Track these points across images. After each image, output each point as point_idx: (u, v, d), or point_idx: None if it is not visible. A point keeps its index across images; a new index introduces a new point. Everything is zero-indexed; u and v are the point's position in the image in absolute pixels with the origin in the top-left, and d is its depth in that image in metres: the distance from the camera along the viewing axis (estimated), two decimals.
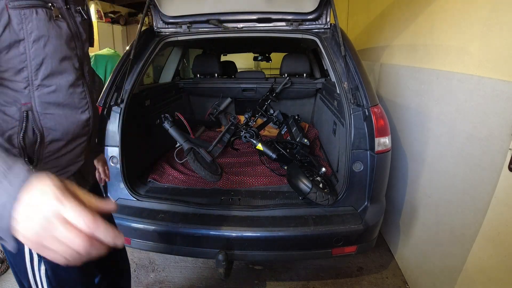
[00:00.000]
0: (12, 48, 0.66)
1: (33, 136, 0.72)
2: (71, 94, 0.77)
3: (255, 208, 1.53)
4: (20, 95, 0.70)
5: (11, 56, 0.66)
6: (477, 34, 1.26)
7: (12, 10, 0.64)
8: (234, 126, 2.55)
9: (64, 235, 0.37)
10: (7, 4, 0.63)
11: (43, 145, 0.74)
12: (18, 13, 0.65)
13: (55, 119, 0.75)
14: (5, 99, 0.69)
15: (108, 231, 0.39)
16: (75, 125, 0.80)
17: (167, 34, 1.94)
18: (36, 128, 0.72)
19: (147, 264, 1.99)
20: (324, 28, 1.89)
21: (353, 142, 1.47)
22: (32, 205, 0.38)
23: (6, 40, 0.64)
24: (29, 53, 0.67)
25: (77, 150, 0.84)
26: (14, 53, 0.66)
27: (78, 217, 0.37)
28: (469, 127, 1.26)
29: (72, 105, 0.78)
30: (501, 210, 1.10)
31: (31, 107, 0.71)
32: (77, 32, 0.80)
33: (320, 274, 1.90)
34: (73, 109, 0.79)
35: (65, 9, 0.76)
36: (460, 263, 1.29)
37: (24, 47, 0.67)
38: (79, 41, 0.81)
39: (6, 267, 1.92)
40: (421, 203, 1.66)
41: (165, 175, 1.89)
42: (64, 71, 0.75)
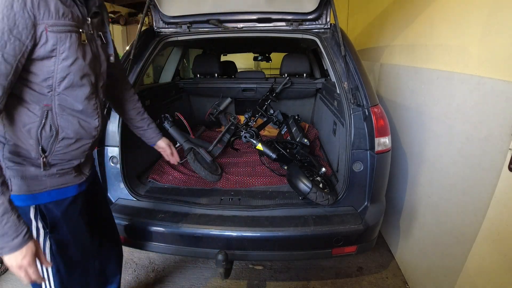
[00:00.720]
0: (44, 60, 0.80)
1: (50, 131, 0.87)
2: (86, 104, 0.91)
3: (255, 208, 1.53)
4: (44, 97, 0.84)
5: (42, 66, 0.80)
6: (477, 34, 1.26)
7: (50, 33, 0.77)
8: (234, 126, 2.54)
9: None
10: (47, 28, 0.77)
11: (56, 140, 0.89)
12: (55, 36, 0.79)
13: (69, 121, 0.89)
14: (31, 98, 0.83)
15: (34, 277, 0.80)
16: (85, 129, 0.94)
17: (167, 34, 1.94)
18: (53, 125, 0.87)
19: (147, 264, 1.99)
20: (324, 28, 1.89)
21: (353, 142, 1.47)
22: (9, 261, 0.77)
23: (41, 55, 0.79)
24: (56, 68, 0.81)
25: (82, 149, 0.97)
26: (45, 64, 0.80)
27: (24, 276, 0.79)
28: (469, 127, 1.26)
29: (85, 113, 0.92)
30: (501, 210, 1.10)
31: (51, 108, 0.85)
32: (96, 54, 0.94)
33: (320, 274, 1.90)
34: (85, 116, 0.93)
35: (89, 34, 0.90)
36: (460, 263, 1.29)
37: (54, 62, 0.81)
38: (97, 61, 0.94)
39: (6, 267, 1.92)
40: (421, 203, 1.66)
41: (165, 175, 1.89)
42: (82, 86, 0.89)
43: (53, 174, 0.92)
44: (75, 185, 0.99)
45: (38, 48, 0.78)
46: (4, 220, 0.73)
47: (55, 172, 0.92)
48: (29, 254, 0.77)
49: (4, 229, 0.73)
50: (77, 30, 0.83)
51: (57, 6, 0.78)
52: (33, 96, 0.83)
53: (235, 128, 2.54)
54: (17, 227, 0.75)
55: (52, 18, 0.77)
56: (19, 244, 0.75)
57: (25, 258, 0.76)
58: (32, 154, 0.87)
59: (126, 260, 2.03)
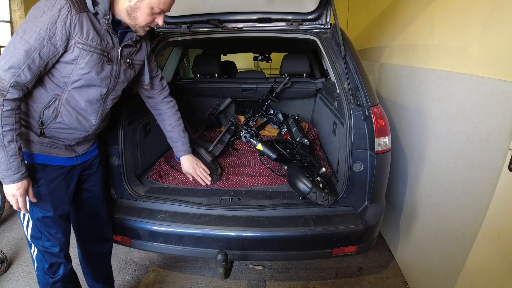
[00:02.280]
0: (67, 64, 1.05)
1: (51, 113, 1.10)
2: (88, 105, 1.15)
3: (255, 208, 1.53)
4: (58, 88, 1.09)
5: (64, 67, 1.06)
6: (477, 34, 1.26)
7: (76, 48, 1.03)
8: (234, 126, 2.54)
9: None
10: (76, 44, 1.03)
11: (54, 121, 1.11)
12: (79, 51, 1.04)
13: (69, 113, 1.12)
14: (49, 85, 1.08)
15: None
16: (81, 123, 1.17)
17: (167, 34, 1.94)
18: (55, 110, 1.10)
19: (147, 264, 1.99)
20: (324, 28, 1.89)
21: (353, 142, 1.46)
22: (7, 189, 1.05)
23: (66, 60, 1.04)
24: (73, 72, 1.07)
25: (74, 136, 1.18)
26: (67, 67, 1.06)
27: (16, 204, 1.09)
28: (469, 127, 1.26)
29: (85, 111, 1.16)
30: (501, 210, 1.10)
31: (60, 98, 1.10)
32: (116, 74, 1.18)
33: (320, 274, 1.90)
34: (85, 113, 1.16)
35: (116, 59, 1.16)
36: (460, 263, 1.29)
37: (72, 68, 1.06)
38: (115, 80, 1.19)
39: (6, 267, 1.92)
40: (421, 203, 1.66)
41: (165, 175, 1.89)
42: (89, 91, 1.13)
43: (45, 143, 1.14)
44: (63, 157, 1.20)
45: (66, 54, 1.03)
46: (12, 159, 1.00)
47: (46, 142, 1.14)
48: (22, 187, 1.05)
49: (10, 165, 1.00)
50: (101, 52, 1.09)
51: (89, 31, 1.04)
52: (51, 84, 1.08)
53: (235, 128, 2.54)
54: (19, 166, 1.02)
55: (82, 38, 1.03)
56: (18, 179, 1.03)
57: (19, 189, 1.04)
58: (34, 123, 1.10)
59: (126, 260, 2.03)
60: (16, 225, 2.44)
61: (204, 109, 2.94)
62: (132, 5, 1.08)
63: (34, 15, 0.97)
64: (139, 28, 1.15)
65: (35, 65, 0.98)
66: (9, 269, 1.93)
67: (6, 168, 1.00)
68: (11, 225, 2.44)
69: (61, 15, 0.97)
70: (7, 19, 3.98)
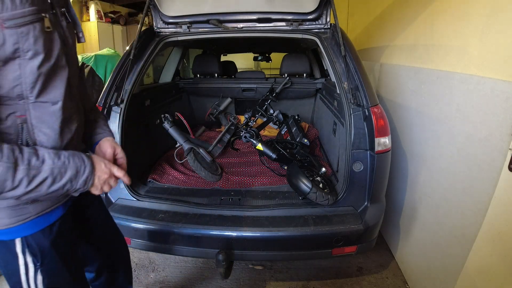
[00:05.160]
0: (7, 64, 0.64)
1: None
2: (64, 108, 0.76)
3: (255, 208, 1.53)
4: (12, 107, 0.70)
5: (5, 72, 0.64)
6: (477, 34, 1.26)
7: (7, 30, 0.61)
8: (234, 126, 2.55)
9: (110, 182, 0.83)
10: (3, 24, 0.59)
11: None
12: (14, 32, 0.62)
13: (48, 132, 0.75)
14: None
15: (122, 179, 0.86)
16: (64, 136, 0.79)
17: (167, 34, 1.94)
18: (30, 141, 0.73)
19: (147, 264, 1.99)
20: (324, 28, 1.89)
21: (353, 142, 1.47)
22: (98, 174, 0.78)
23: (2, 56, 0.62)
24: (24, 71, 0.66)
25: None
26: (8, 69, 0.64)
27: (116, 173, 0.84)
28: (469, 127, 1.26)
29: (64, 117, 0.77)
30: (501, 210, 1.10)
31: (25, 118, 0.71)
32: (64, 39, 0.75)
33: (320, 274, 1.90)
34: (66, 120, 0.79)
35: (52, 15, 0.71)
36: (460, 263, 1.29)
37: (19, 65, 0.65)
38: (67, 47, 0.76)
39: None
40: (421, 203, 1.66)
41: (165, 175, 1.89)
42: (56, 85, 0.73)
43: (36, 200, 0.77)
44: (61, 205, 0.85)
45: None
46: (70, 168, 0.70)
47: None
48: (99, 164, 0.78)
49: (73, 169, 0.71)
50: (39, 17, 0.66)
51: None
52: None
53: (235, 128, 2.54)
54: (74, 164, 0.71)
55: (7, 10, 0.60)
56: (89, 170, 0.74)
57: (101, 176, 0.79)
58: None
59: None
60: None
61: (204, 109, 2.94)
62: None
63: None
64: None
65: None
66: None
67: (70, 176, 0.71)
68: None
69: None
70: None
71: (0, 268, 0.85)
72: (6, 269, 0.83)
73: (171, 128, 2.02)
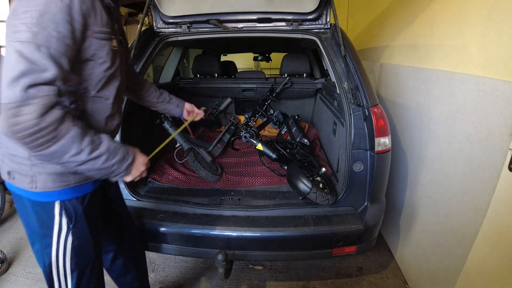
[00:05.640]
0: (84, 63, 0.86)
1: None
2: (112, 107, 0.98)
3: (255, 208, 1.53)
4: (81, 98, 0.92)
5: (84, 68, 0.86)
6: (477, 34, 1.26)
7: (94, 39, 0.84)
8: (234, 126, 2.55)
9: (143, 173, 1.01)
10: (93, 34, 0.84)
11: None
12: (97, 42, 0.85)
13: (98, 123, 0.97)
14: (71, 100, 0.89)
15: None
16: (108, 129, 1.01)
17: (167, 34, 1.94)
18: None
19: (147, 264, 1.99)
20: (324, 28, 1.89)
21: (353, 142, 1.47)
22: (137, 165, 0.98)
23: (84, 56, 0.85)
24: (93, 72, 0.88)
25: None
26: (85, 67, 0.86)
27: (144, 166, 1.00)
28: (469, 127, 1.26)
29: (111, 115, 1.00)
30: (501, 210, 1.10)
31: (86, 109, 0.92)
32: (121, 57, 0.99)
33: (320, 274, 1.90)
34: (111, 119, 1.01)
35: (117, 40, 0.95)
36: (460, 263, 1.29)
37: (92, 66, 0.87)
38: (121, 63, 1.00)
39: (6, 267, 1.92)
40: (421, 203, 1.66)
41: (165, 175, 1.89)
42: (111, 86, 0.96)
43: (77, 170, 0.91)
44: (91, 182, 1.01)
45: (85, 51, 0.85)
46: (118, 154, 0.89)
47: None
48: (139, 157, 0.99)
49: (121, 155, 0.90)
50: (112, 37, 0.91)
51: (102, 12, 0.86)
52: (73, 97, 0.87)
53: (235, 128, 2.54)
54: (122, 150, 0.91)
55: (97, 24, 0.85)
56: (131, 159, 0.94)
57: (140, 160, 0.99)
58: None
59: None
60: (16, 225, 2.44)
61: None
62: None
63: None
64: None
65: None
66: (9, 269, 1.93)
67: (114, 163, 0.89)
68: (11, 225, 2.44)
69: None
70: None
71: (34, 229, 0.98)
72: (41, 229, 0.96)
73: (171, 128, 2.02)
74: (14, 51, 0.72)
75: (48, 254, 0.97)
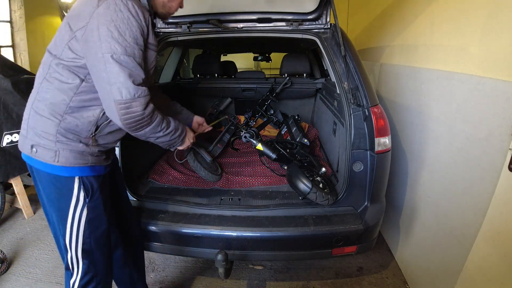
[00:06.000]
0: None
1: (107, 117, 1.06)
2: None
3: (255, 208, 1.53)
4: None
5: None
6: (477, 34, 1.26)
7: (149, 49, 1.07)
8: (234, 126, 2.55)
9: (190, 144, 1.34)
10: (155, 48, 1.10)
11: (108, 125, 1.09)
12: (151, 52, 1.08)
13: None
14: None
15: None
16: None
17: (167, 34, 1.94)
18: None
19: (147, 264, 1.99)
20: (324, 28, 1.89)
21: (353, 142, 1.46)
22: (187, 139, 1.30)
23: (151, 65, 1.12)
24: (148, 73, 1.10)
25: (118, 136, 1.17)
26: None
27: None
28: (469, 127, 1.26)
29: None
30: (501, 210, 1.10)
31: None
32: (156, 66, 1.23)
33: (320, 274, 1.90)
34: None
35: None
36: (460, 263, 1.29)
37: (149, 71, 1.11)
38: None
39: (6, 267, 1.92)
40: (421, 203, 1.66)
41: (165, 175, 1.89)
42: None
43: (94, 153, 1.09)
44: (103, 165, 1.15)
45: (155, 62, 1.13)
46: (179, 129, 1.21)
47: (96, 152, 1.10)
48: (189, 132, 1.31)
49: (180, 130, 1.21)
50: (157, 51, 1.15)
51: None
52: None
53: (235, 128, 2.54)
54: (181, 127, 1.23)
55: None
56: (185, 133, 1.26)
57: (189, 134, 1.31)
58: (83, 133, 1.04)
59: None
60: (16, 225, 2.44)
61: (204, 109, 2.94)
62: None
63: None
64: (169, 16, 1.25)
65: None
66: (9, 269, 1.93)
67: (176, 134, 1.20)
68: (11, 225, 2.44)
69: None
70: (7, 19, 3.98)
71: (52, 202, 1.09)
72: (58, 202, 1.07)
73: None
74: (113, 62, 0.93)
75: (64, 226, 1.07)
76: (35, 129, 1.02)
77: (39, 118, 1.02)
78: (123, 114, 0.97)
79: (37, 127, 1.02)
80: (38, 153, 1.02)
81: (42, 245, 2.18)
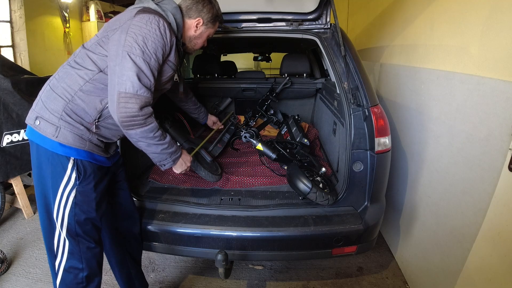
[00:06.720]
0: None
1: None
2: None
3: (255, 208, 1.53)
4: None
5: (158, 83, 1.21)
6: (477, 34, 1.26)
7: (167, 65, 1.21)
8: (234, 126, 2.54)
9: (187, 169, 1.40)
10: (173, 62, 1.24)
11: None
12: (167, 67, 1.23)
13: None
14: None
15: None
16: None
17: None
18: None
19: (147, 264, 1.99)
20: (324, 28, 1.89)
21: (353, 142, 1.46)
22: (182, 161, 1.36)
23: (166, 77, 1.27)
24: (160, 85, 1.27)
25: (119, 132, 1.21)
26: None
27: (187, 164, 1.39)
28: (469, 127, 1.26)
29: None
30: (501, 210, 1.10)
31: None
32: (172, 84, 1.40)
33: (320, 274, 1.90)
34: None
35: (177, 73, 1.44)
36: (460, 263, 1.29)
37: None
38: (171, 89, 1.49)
39: (6, 267, 1.92)
40: (421, 203, 1.66)
41: (165, 175, 1.89)
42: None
43: (93, 141, 1.14)
44: (104, 157, 1.20)
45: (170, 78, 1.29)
46: (173, 147, 1.26)
47: (95, 140, 1.14)
48: (185, 155, 1.35)
49: (173, 149, 1.26)
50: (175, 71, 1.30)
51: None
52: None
53: (235, 128, 2.54)
54: (176, 147, 1.28)
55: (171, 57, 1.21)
56: (179, 154, 1.31)
57: (185, 157, 1.36)
58: (87, 118, 1.11)
59: None
60: (16, 225, 2.44)
61: None
62: (196, 34, 1.35)
63: None
64: (193, 51, 1.47)
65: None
66: (9, 269, 1.93)
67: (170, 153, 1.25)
68: (11, 225, 2.44)
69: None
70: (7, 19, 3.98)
71: (44, 179, 1.12)
72: (51, 180, 1.10)
73: (171, 128, 2.02)
74: (129, 59, 1.03)
75: (53, 202, 1.11)
76: (45, 103, 1.09)
77: (51, 94, 1.09)
78: (121, 107, 1.03)
79: (47, 102, 1.09)
80: (40, 125, 1.07)
81: (42, 245, 2.18)
